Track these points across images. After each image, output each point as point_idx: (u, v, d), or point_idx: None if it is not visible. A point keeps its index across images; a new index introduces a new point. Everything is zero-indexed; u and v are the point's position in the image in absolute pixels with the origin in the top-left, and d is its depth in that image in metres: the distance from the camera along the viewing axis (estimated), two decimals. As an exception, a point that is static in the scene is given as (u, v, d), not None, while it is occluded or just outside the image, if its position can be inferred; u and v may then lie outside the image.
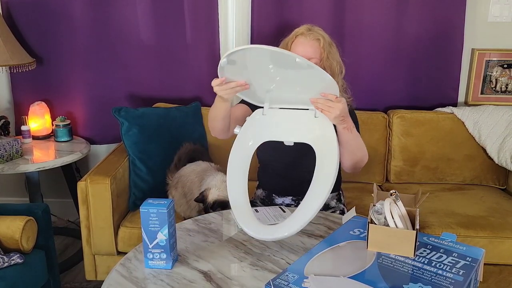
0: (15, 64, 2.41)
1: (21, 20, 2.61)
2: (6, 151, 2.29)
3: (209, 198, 1.81)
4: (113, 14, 2.58)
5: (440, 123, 2.48)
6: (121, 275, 1.30)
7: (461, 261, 1.12)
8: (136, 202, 2.19)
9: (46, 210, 1.94)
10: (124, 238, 2.08)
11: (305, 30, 1.75)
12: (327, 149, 1.49)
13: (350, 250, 1.20)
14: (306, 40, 1.73)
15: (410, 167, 2.51)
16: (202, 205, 1.83)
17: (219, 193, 1.81)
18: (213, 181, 1.87)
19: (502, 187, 2.53)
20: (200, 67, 2.64)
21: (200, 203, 1.83)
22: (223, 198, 1.80)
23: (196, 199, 1.84)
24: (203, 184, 1.90)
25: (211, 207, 1.80)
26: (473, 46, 2.59)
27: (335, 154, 1.47)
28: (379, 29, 2.53)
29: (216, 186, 1.83)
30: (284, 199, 1.89)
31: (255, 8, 2.53)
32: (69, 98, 2.74)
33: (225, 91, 1.47)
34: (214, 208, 1.79)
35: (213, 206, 1.80)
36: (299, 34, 1.75)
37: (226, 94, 1.48)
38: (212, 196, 1.81)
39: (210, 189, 1.83)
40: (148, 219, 1.28)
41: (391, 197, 1.23)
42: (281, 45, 1.81)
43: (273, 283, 1.04)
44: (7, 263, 1.70)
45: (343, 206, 1.95)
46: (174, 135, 2.32)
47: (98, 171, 2.08)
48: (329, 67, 1.74)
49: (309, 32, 1.74)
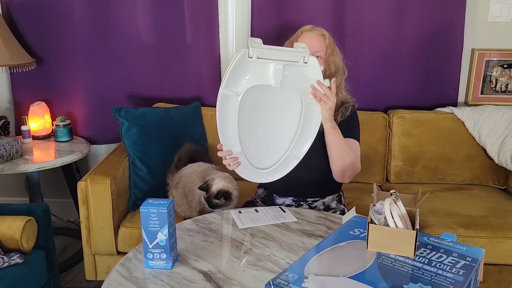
0: (15, 64, 2.41)
1: (21, 20, 2.61)
2: (6, 151, 2.29)
3: (213, 188, 1.81)
4: (113, 14, 2.58)
5: (440, 123, 2.48)
6: (121, 275, 1.30)
7: (461, 261, 1.12)
8: (136, 202, 2.19)
9: (46, 210, 1.94)
10: (124, 238, 2.08)
11: (310, 27, 1.82)
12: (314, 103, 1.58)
13: (350, 250, 1.20)
14: (312, 34, 1.80)
15: (410, 167, 2.51)
16: (205, 194, 1.82)
17: (224, 183, 1.82)
18: (216, 176, 1.87)
19: (502, 187, 2.53)
20: (200, 67, 2.63)
21: (204, 191, 1.83)
22: (227, 189, 1.81)
23: (200, 187, 1.84)
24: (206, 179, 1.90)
25: (215, 196, 1.80)
26: (473, 46, 2.59)
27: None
28: (379, 29, 2.53)
29: (221, 177, 1.83)
30: (285, 200, 1.89)
31: (255, 8, 2.53)
32: (69, 98, 2.74)
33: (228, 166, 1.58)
34: (218, 198, 1.80)
35: (217, 196, 1.80)
36: (304, 31, 1.82)
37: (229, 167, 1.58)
38: (216, 186, 1.81)
39: (215, 179, 1.83)
40: (148, 219, 1.28)
41: (391, 197, 1.23)
42: (285, 44, 1.85)
43: (273, 283, 1.04)
44: (7, 263, 1.70)
45: (343, 207, 1.95)
46: (174, 135, 2.32)
47: (98, 171, 2.08)
48: (334, 63, 1.81)
49: (314, 28, 1.82)
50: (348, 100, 1.87)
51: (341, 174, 1.76)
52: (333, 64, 1.81)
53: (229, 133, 1.50)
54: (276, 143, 1.60)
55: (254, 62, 1.43)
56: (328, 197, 1.90)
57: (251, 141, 1.55)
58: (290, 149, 1.60)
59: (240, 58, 1.42)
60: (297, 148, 1.61)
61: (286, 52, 1.48)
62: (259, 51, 1.42)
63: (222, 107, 1.44)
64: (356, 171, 1.78)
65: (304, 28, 1.83)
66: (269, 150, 1.60)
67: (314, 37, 1.79)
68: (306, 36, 1.80)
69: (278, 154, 1.61)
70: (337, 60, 1.82)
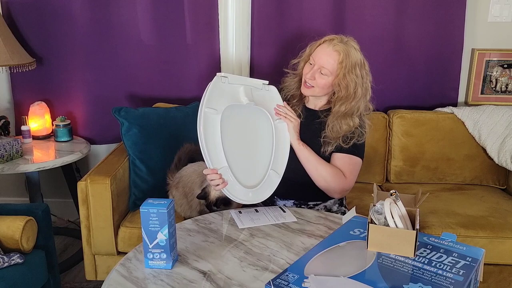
0: (15, 64, 2.41)
1: (21, 20, 2.61)
2: (6, 151, 2.29)
3: (211, 195, 1.80)
4: (113, 14, 2.58)
5: (440, 123, 2.48)
6: (121, 275, 1.30)
7: (461, 261, 1.12)
8: (136, 202, 2.19)
9: (46, 210, 1.94)
10: (124, 238, 2.08)
11: (332, 38, 1.72)
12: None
13: (350, 250, 1.20)
14: (328, 48, 1.70)
15: (410, 167, 2.51)
16: (204, 202, 1.82)
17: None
18: None
19: (502, 187, 2.53)
20: (200, 67, 2.64)
21: (202, 200, 1.83)
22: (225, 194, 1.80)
23: (198, 196, 1.83)
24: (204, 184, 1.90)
25: (214, 204, 1.79)
26: (473, 46, 2.59)
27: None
28: (379, 29, 2.53)
29: None
30: (286, 202, 1.89)
31: (255, 8, 2.53)
32: (69, 98, 2.74)
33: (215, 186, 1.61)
34: (218, 205, 1.79)
35: (216, 203, 1.79)
36: (326, 40, 1.73)
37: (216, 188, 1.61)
38: (214, 193, 1.80)
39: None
40: (148, 219, 1.28)
41: (391, 197, 1.23)
42: (309, 45, 1.81)
43: (273, 283, 1.04)
44: (7, 263, 1.70)
45: (344, 209, 1.95)
46: (174, 135, 2.32)
47: (98, 171, 2.08)
48: (346, 88, 1.69)
49: (334, 41, 1.70)
50: (363, 124, 1.80)
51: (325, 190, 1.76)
52: (345, 88, 1.68)
53: (215, 149, 1.59)
54: (258, 162, 1.71)
55: (227, 85, 1.68)
56: (330, 201, 1.89)
57: (234, 159, 1.63)
58: (270, 166, 1.71)
59: (215, 81, 1.66)
60: (276, 164, 1.72)
61: (249, 79, 1.77)
62: (230, 77, 1.68)
63: (205, 124, 1.59)
64: (346, 186, 1.76)
65: (327, 38, 1.73)
66: (252, 168, 1.70)
67: (328, 51, 1.69)
68: (323, 47, 1.71)
69: (261, 172, 1.70)
70: (350, 86, 1.67)
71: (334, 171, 1.73)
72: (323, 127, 1.77)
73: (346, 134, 1.75)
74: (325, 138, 1.76)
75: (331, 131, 1.75)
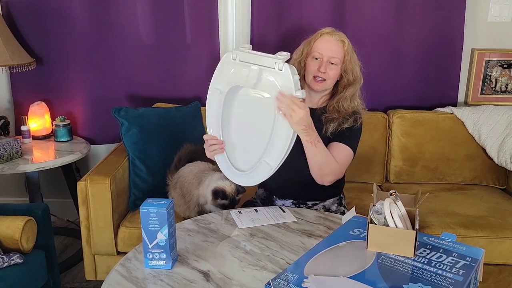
0: (15, 64, 2.41)
1: (21, 20, 2.61)
2: (6, 151, 2.29)
3: (228, 190, 1.80)
4: (113, 14, 2.58)
5: (440, 123, 2.48)
6: (121, 275, 1.30)
7: (461, 261, 1.12)
8: (136, 202, 2.19)
9: (46, 210, 1.94)
10: (124, 238, 2.08)
11: (330, 30, 1.78)
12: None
13: (350, 250, 1.20)
14: (332, 39, 1.76)
15: (410, 167, 2.51)
16: (226, 202, 1.82)
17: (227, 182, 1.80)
18: (214, 177, 1.87)
19: (502, 187, 2.53)
20: (200, 67, 2.63)
21: (224, 200, 1.82)
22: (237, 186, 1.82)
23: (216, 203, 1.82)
24: (203, 185, 1.90)
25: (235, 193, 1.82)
26: (473, 46, 2.59)
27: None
28: (379, 29, 2.52)
29: (220, 178, 1.82)
30: (285, 202, 1.89)
31: (255, 8, 2.53)
32: (69, 98, 2.73)
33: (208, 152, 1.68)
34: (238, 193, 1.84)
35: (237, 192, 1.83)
36: (324, 33, 1.78)
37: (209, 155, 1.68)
38: (229, 188, 1.81)
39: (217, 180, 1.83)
40: (148, 219, 1.28)
41: (391, 197, 1.23)
42: (303, 44, 1.82)
43: (273, 283, 1.04)
44: (7, 263, 1.70)
45: (343, 209, 1.95)
46: (174, 135, 2.32)
47: (98, 171, 2.08)
48: (352, 72, 1.77)
49: (334, 32, 1.78)
50: (360, 111, 1.83)
51: (320, 180, 1.74)
52: (351, 72, 1.76)
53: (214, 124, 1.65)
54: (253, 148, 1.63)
55: (237, 64, 1.58)
56: (329, 200, 1.90)
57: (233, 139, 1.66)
58: (263, 156, 1.59)
59: (224, 59, 1.60)
60: (269, 156, 1.58)
61: (263, 57, 1.55)
62: (241, 55, 1.57)
63: (211, 100, 1.64)
64: (338, 177, 1.76)
65: (324, 30, 1.78)
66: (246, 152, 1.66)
67: (333, 41, 1.75)
68: (325, 39, 1.76)
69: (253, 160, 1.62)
70: (355, 69, 1.77)
71: (334, 166, 1.72)
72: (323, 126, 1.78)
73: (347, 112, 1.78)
74: (328, 117, 1.78)
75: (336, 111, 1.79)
